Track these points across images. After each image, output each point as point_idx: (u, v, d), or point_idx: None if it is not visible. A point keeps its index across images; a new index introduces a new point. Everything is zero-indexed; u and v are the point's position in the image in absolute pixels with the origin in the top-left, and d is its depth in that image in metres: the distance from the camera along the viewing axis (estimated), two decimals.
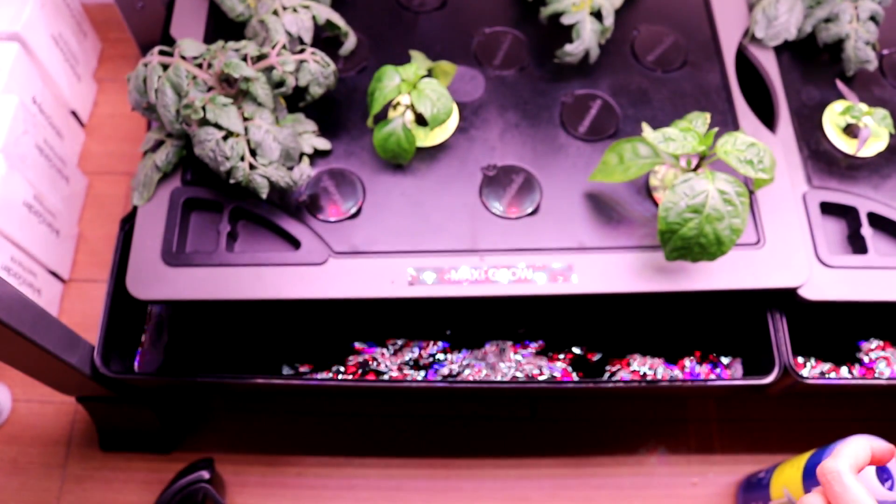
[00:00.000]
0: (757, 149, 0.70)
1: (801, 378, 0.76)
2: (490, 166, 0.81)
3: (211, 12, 0.90)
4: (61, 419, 0.93)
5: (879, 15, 0.86)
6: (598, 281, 0.75)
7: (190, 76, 0.74)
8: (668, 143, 0.70)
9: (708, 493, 0.89)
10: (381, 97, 0.77)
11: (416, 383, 0.83)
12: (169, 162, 0.78)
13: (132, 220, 0.79)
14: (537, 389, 0.90)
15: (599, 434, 0.92)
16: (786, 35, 0.88)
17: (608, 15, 0.84)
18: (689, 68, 0.88)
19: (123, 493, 0.89)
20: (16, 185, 0.89)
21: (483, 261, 0.76)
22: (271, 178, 0.74)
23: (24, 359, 0.71)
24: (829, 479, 0.50)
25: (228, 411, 0.94)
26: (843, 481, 0.50)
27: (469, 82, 0.87)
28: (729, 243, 0.69)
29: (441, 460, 0.91)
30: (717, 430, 0.93)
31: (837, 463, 0.50)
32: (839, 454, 0.51)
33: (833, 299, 0.75)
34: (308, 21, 0.81)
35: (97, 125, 1.13)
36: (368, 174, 0.81)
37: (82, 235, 1.05)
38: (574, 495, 0.89)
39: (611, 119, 0.84)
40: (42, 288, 0.96)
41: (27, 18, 0.97)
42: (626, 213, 0.78)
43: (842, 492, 0.49)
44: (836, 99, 0.86)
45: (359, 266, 0.75)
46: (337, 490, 0.89)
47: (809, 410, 0.92)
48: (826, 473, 0.50)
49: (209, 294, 0.74)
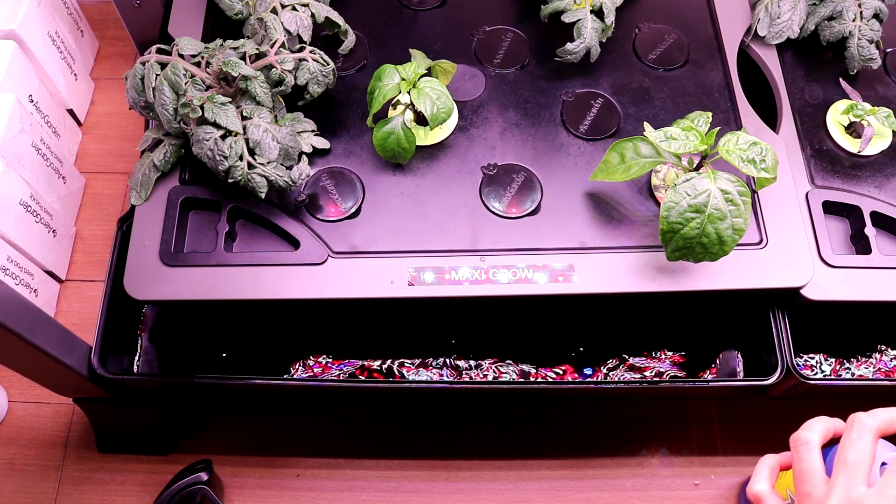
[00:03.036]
0: (759, 148, 0.69)
1: (803, 378, 0.76)
2: (490, 165, 0.80)
3: (209, 10, 0.90)
4: (58, 420, 0.93)
5: (883, 13, 0.85)
6: (599, 281, 0.74)
7: (188, 75, 0.73)
8: (669, 142, 0.70)
9: (710, 495, 0.89)
10: (380, 96, 0.77)
11: (416, 384, 0.82)
12: (167, 161, 0.78)
13: (130, 219, 0.78)
14: (538, 390, 0.90)
15: (601, 435, 0.92)
16: (788, 33, 0.87)
17: (609, 13, 0.84)
18: (691, 67, 0.87)
19: (121, 495, 0.89)
20: (12, 184, 0.88)
21: (483, 261, 0.75)
22: (270, 178, 0.74)
23: (21, 360, 0.70)
24: (797, 448, 0.54)
25: (227, 412, 0.93)
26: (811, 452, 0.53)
27: (469, 81, 0.86)
28: (731, 243, 0.69)
29: (441, 462, 0.90)
30: (720, 431, 0.92)
31: (810, 434, 0.54)
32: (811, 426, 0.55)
33: (836, 299, 0.75)
34: (307, 19, 0.80)
35: (94, 124, 1.13)
36: (368, 173, 0.80)
37: (79, 235, 1.04)
38: (575, 497, 0.89)
39: (612, 118, 0.84)
40: (39, 288, 0.95)
41: (23, 16, 0.96)
42: (627, 212, 0.78)
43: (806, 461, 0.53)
44: (839, 97, 0.86)
45: (358, 266, 0.75)
46: (336, 492, 0.89)
47: (812, 412, 0.91)
48: (797, 443, 0.54)
49: (207, 294, 0.73)
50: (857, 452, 0.50)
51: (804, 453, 0.53)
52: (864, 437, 0.51)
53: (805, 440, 0.54)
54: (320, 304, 0.75)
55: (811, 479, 0.52)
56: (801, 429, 0.55)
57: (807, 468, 0.53)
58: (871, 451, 0.50)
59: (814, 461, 0.53)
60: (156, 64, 0.74)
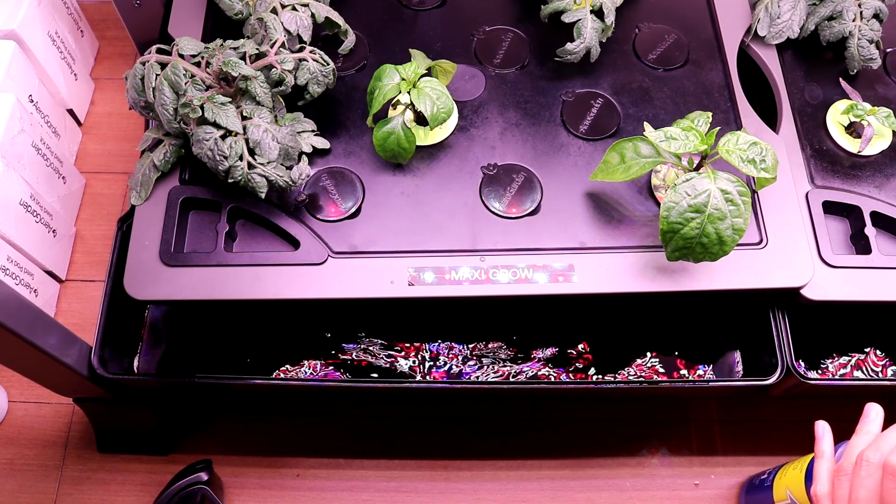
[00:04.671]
0: (759, 148, 0.69)
1: (803, 378, 0.76)
2: (490, 165, 0.80)
3: (209, 10, 0.90)
4: (58, 421, 0.93)
5: (883, 13, 0.85)
6: (599, 281, 0.74)
7: (188, 75, 0.73)
8: (669, 142, 0.70)
9: (710, 495, 0.89)
10: (380, 96, 0.77)
11: (416, 384, 0.82)
12: (167, 161, 0.78)
13: (130, 219, 0.78)
14: (538, 390, 0.90)
15: (600, 435, 0.92)
16: (788, 33, 0.87)
17: (609, 13, 0.84)
18: (691, 67, 0.87)
19: (121, 495, 0.89)
20: (12, 184, 0.88)
21: (483, 261, 0.75)
22: (270, 178, 0.74)
23: (21, 360, 0.70)
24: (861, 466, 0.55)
25: (227, 412, 0.93)
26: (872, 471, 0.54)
27: (469, 81, 0.86)
28: (731, 243, 0.69)
29: (441, 462, 0.90)
30: (720, 431, 0.92)
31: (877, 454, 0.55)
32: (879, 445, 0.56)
33: (836, 299, 0.75)
34: (307, 19, 0.80)
35: (94, 124, 1.13)
36: (368, 173, 0.80)
37: (79, 235, 1.04)
38: (575, 497, 0.89)
39: (612, 118, 0.84)
40: (39, 288, 0.95)
41: (24, 16, 0.96)
42: (627, 212, 0.78)
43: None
44: (839, 97, 0.86)
45: (358, 266, 0.75)
46: (336, 492, 0.89)
47: (812, 412, 0.92)
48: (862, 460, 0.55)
49: (207, 294, 0.73)
50: (865, 492, 0.54)
51: (845, 482, 0.56)
52: (873, 475, 0.54)
53: (847, 472, 0.57)
54: (320, 304, 0.75)
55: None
56: (845, 458, 0.58)
57: (855, 497, 0.55)
58: (877, 486, 0.54)
59: (861, 491, 0.55)
60: (156, 64, 0.74)
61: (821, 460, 0.61)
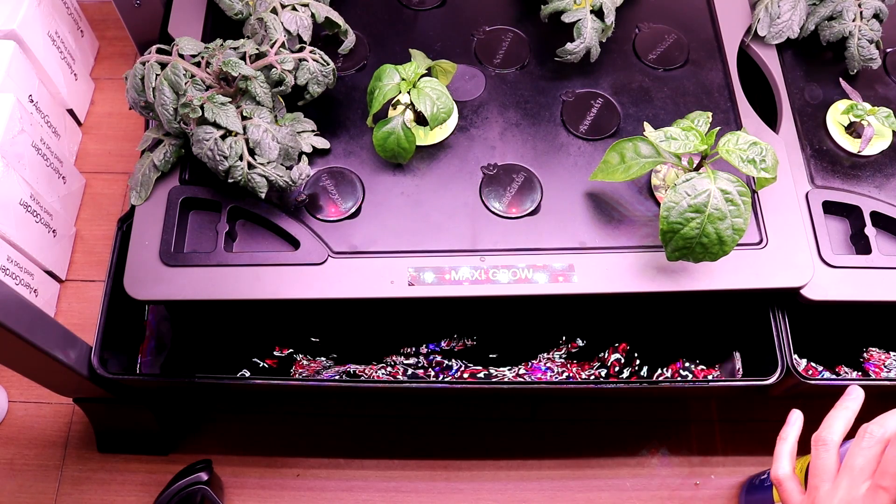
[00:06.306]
0: (759, 148, 0.69)
1: (803, 378, 0.76)
2: (490, 165, 0.80)
3: (209, 10, 0.90)
4: (58, 421, 0.93)
5: (883, 13, 0.85)
6: (599, 281, 0.74)
7: (188, 75, 0.73)
8: (669, 142, 0.70)
9: (710, 495, 0.89)
10: (380, 96, 0.76)
11: (416, 384, 0.82)
12: (167, 161, 0.78)
13: (130, 219, 0.78)
14: (538, 390, 0.90)
15: (600, 435, 0.92)
16: (788, 33, 0.87)
17: (609, 13, 0.84)
18: (691, 67, 0.87)
19: (121, 495, 0.89)
20: (12, 184, 0.88)
21: (483, 261, 0.75)
22: (270, 178, 0.74)
23: (21, 360, 0.70)
24: (816, 447, 0.57)
25: (227, 412, 0.93)
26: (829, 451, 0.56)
27: (469, 81, 0.86)
28: (731, 243, 0.69)
29: (441, 462, 0.90)
30: (720, 431, 0.92)
31: (830, 435, 0.57)
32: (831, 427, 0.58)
33: (836, 299, 0.75)
34: (307, 19, 0.80)
35: (94, 124, 1.13)
36: (368, 173, 0.80)
37: (79, 235, 1.04)
38: (575, 497, 0.89)
39: (612, 118, 0.84)
40: (39, 288, 0.95)
41: (23, 16, 0.96)
42: (627, 212, 0.78)
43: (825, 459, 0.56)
44: (839, 97, 0.86)
45: (358, 266, 0.75)
46: (336, 492, 0.89)
47: (812, 412, 0.92)
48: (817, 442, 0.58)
49: (207, 294, 0.73)
50: (862, 459, 0.54)
51: (822, 452, 0.57)
52: (873, 446, 0.54)
53: (824, 440, 0.58)
54: (320, 304, 0.75)
55: (822, 475, 0.56)
56: (822, 428, 0.59)
57: (821, 465, 0.57)
58: (876, 458, 0.54)
59: (829, 460, 0.57)
60: (156, 64, 0.74)
61: (783, 443, 0.62)
